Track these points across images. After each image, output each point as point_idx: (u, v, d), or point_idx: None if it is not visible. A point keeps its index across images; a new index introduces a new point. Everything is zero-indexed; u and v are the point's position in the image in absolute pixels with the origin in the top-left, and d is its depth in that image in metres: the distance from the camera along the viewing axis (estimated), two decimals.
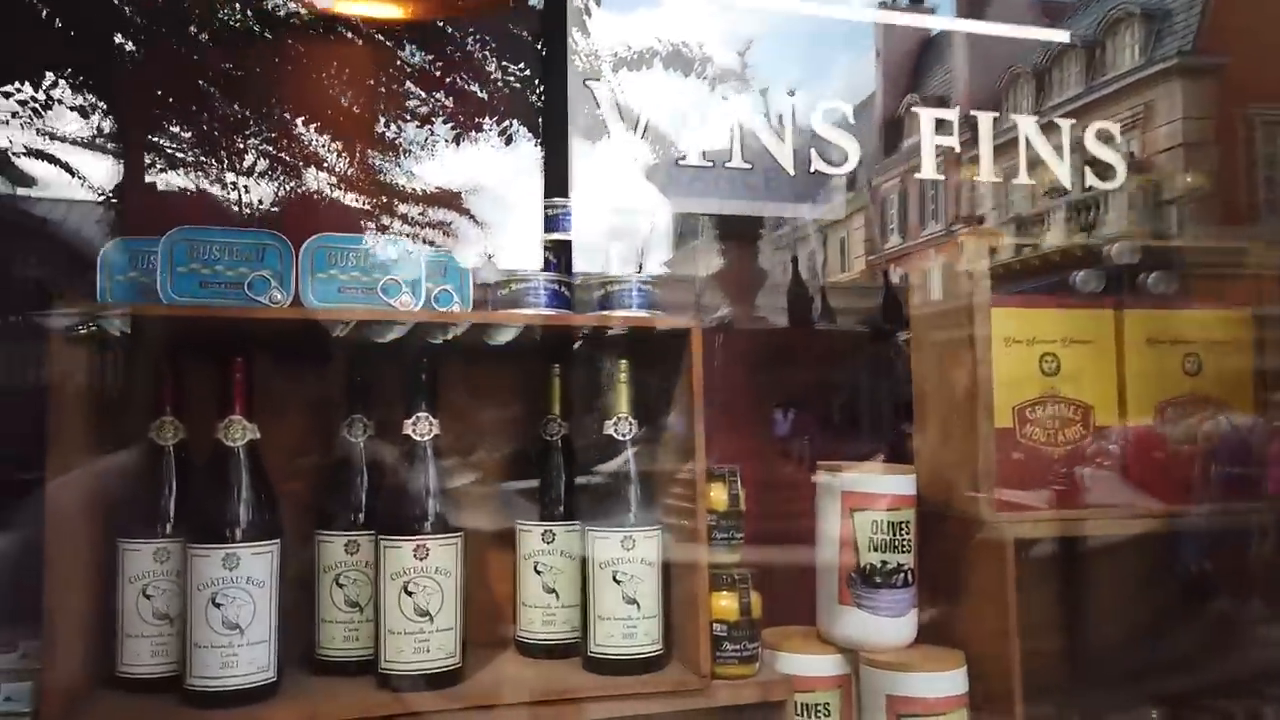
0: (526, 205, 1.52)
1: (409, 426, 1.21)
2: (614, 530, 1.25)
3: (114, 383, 1.23)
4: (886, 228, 5.88)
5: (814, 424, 2.20)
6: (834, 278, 5.30)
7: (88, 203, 2.38)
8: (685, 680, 1.23)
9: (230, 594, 1.11)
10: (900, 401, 2.08)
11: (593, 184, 1.54)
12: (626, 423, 1.28)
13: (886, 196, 5.76)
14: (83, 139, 2.43)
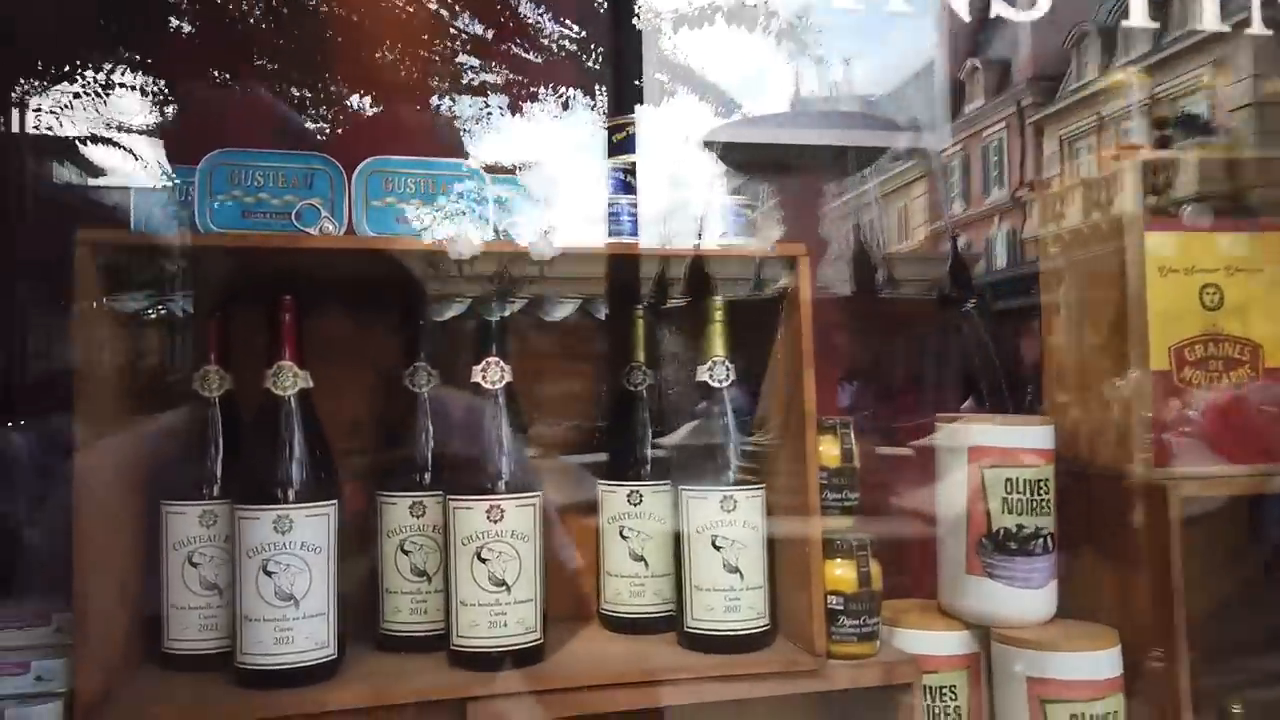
0: (585, 177, 1.36)
1: (478, 373, 1.07)
2: (711, 490, 1.09)
3: (151, 329, 1.11)
4: (949, 195, 5.58)
5: (879, 395, 2.06)
6: (895, 247, 5.06)
7: (152, 189, 2.32)
8: (796, 660, 1.07)
9: (283, 561, 0.98)
10: (970, 370, 1.90)
11: (653, 147, 1.39)
12: (723, 367, 1.12)
13: (948, 163, 5.46)
14: (143, 123, 2.36)
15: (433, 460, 1.13)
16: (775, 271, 1.15)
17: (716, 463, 1.10)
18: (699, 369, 1.13)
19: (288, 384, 1.02)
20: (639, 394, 1.22)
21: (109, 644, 0.96)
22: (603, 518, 1.20)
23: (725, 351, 1.12)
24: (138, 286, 1.05)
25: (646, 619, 1.17)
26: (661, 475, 1.18)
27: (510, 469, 1.05)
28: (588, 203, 1.24)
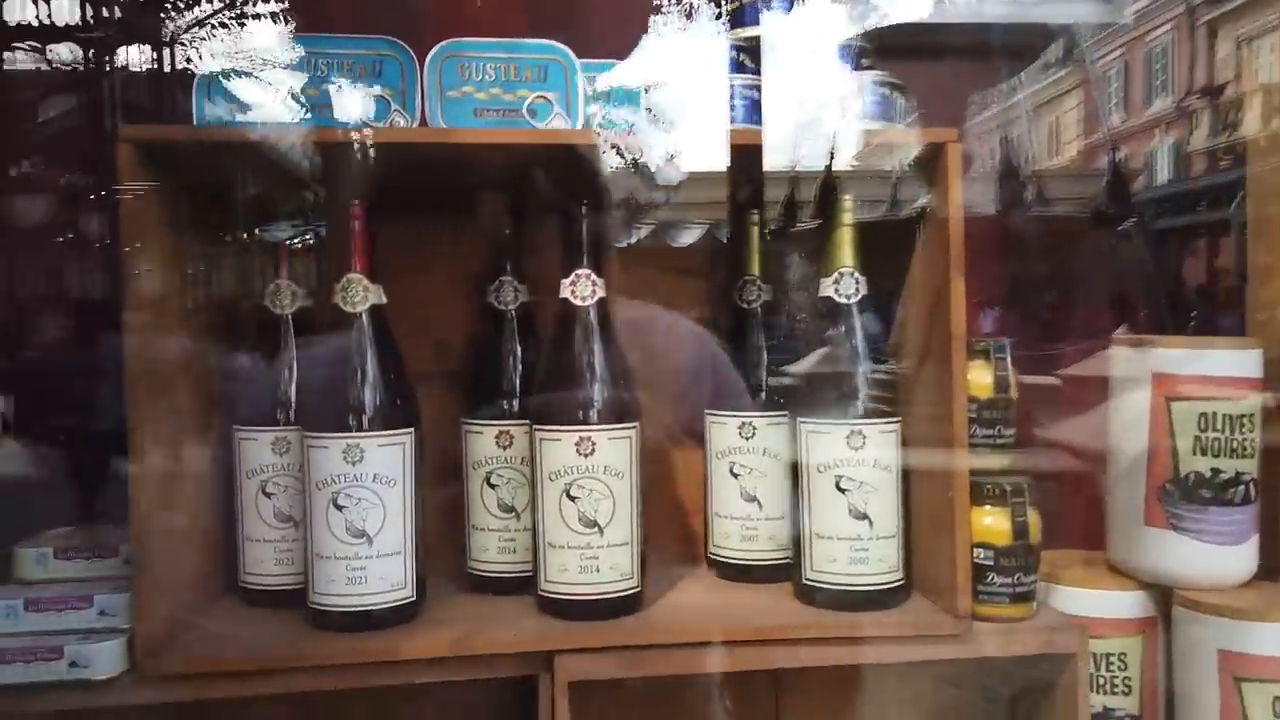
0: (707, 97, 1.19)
1: (567, 288, 0.94)
2: (836, 423, 0.93)
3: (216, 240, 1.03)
4: (1107, 105, 5.09)
5: (1025, 321, 1.84)
6: (1046, 163, 4.67)
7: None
8: (935, 621, 0.92)
9: (354, 494, 0.89)
10: (1127, 294, 1.67)
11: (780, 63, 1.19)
12: (852, 280, 0.95)
13: (1106, 72, 5.00)
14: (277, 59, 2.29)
15: (520, 386, 1.01)
16: (914, 191, 0.97)
17: (842, 391, 0.94)
18: (823, 283, 0.96)
19: (357, 299, 0.92)
20: (752, 312, 1.06)
21: (175, 578, 0.89)
22: (710, 452, 1.06)
23: (854, 262, 0.95)
24: (197, 193, 0.96)
25: (759, 566, 1.04)
26: (778, 405, 1.02)
27: (603, 396, 0.92)
28: (713, 124, 1.08)
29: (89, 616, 0.86)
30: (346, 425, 0.89)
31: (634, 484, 0.92)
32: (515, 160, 0.97)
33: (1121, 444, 1.07)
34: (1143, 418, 1.04)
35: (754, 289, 1.06)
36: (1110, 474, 1.09)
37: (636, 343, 1.03)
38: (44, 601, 0.86)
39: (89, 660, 0.82)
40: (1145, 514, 1.04)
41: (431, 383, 1.04)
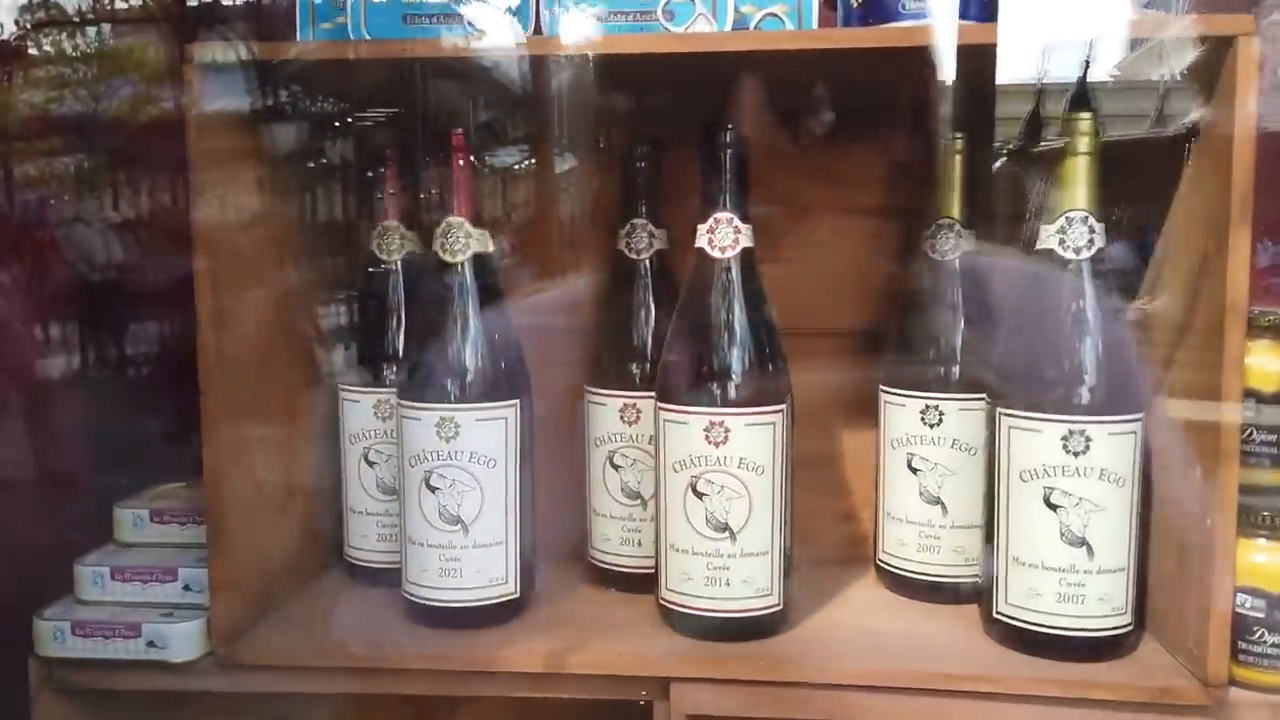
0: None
1: (704, 235, 0.76)
2: (1050, 419, 0.71)
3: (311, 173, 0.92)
4: None
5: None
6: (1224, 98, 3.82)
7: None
8: (1174, 687, 0.69)
9: (448, 474, 0.77)
10: None
11: None
12: (1084, 229, 0.71)
13: None
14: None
15: (652, 350, 0.85)
16: (1184, 104, 0.71)
17: (1062, 375, 0.71)
18: (1043, 231, 0.73)
19: (458, 246, 0.78)
20: (948, 266, 0.84)
21: (264, 551, 0.81)
22: (884, 438, 0.86)
23: (1090, 205, 0.71)
24: (286, 120, 0.85)
25: (939, 583, 0.84)
26: (974, 385, 0.81)
27: (739, 372, 0.74)
28: None
29: (173, 591, 0.79)
30: (440, 395, 0.77)
31: (778, 480, 0.75)
32: (652, 74, 0.79)
33: None
34: None
35: (949, 236, 0.84)
36: None
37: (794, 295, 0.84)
38: (129, 571, 0.80)
39: (166, 641, 0.75)
40: None
41: (550, 343, 0.90)
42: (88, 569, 0.80)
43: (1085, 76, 0.76)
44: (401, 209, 0.89)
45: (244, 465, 0.78)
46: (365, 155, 0.92)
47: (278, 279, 0.84)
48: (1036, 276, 0.74)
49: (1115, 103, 0.88)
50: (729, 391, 0.74)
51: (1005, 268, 0.82)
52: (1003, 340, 0.76)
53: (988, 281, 0.82)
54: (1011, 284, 0.77)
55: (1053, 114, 0.94)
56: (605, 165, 0.88)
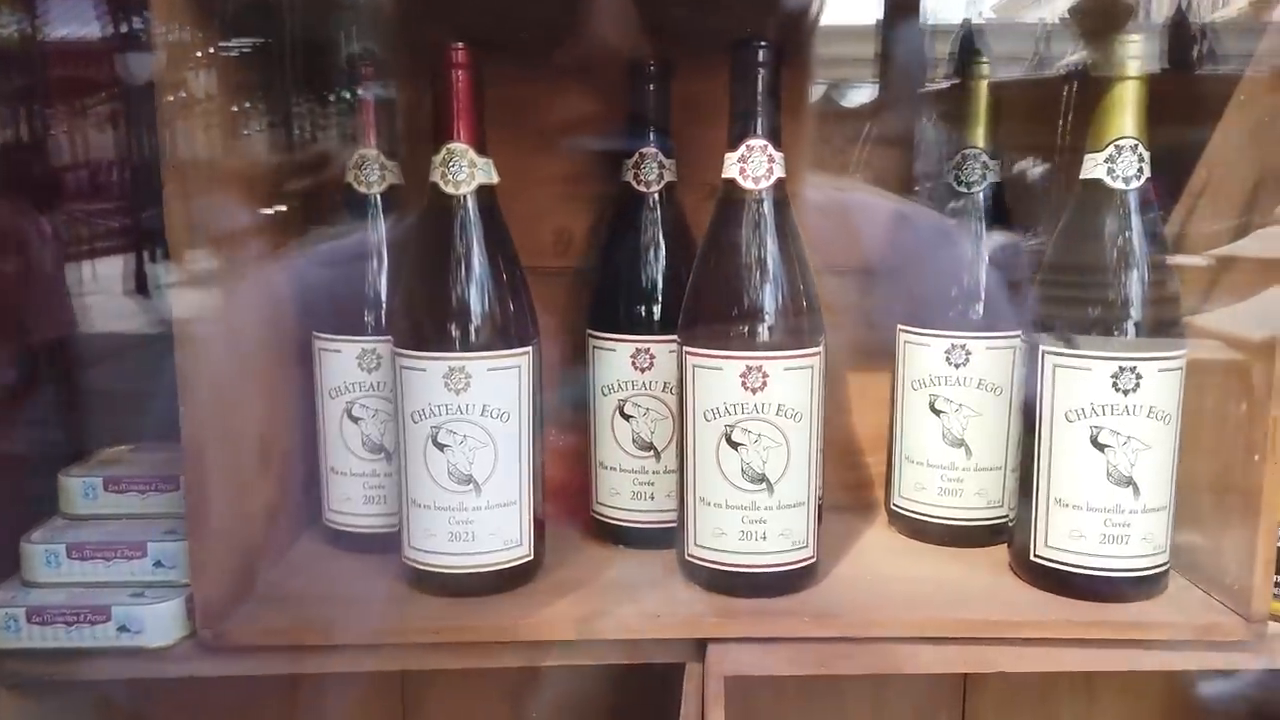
0: None
1: (734, 165, 0.70)
2: (1100, 356, 0.68)
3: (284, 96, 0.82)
4: None
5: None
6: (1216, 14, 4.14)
7: None
8: (1217, 624, 0.68)
9: (458, 430, 0.69)
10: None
11: None
12: (1133, 157, 0.68)
13: None
14: None
15: (665, 291, 0.79)
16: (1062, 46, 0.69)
17: (1107, 311, 0.69)
18: (1088, 160, 0.69)
19: (460, 176, 0.70)
20: (973, 198, 0.80)
21: (243, 519, 0.72)
22: (903, 380, 0.83)
23: (1139, 131, 0.68)
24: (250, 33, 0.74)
25: (962, 527, 0.82)
26: (1001, 323, 0.78)
27: (780, 313, 0.69)
28: None
29: (142, 568, 0.70)
30: (448, 343, 0.69)
31: (814, 427, 0.70)
32: None
33: None
34: None
35: (975, 166, 0.80)
36: None
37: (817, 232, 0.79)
38: (89, 548, 0.70)
39: (141, 624, 0.66)
40: None
41: (552, 283, 0.84)
42: (38, 547, 0.70)
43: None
44: (381, 136, 0.79)
45: (224, 427, 0.69)
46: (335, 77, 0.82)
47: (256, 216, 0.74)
48: (1078, 208, 0.71)
49: (999, 42, 0.86)
50: (767, 334, 0.69)
51: (1031, 199, 0.79)
52: (1043, 277, 0.73)
53: (1017, 212, 0.79)
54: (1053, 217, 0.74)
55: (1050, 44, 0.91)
56: (613, 87, 0.80)
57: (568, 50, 0.84)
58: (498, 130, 0.72)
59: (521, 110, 0.84)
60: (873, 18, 0.88)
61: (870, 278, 0.88)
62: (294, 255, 0.80)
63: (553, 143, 0.87)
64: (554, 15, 0.82)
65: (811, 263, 0.72)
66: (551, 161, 0.87)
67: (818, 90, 0.87)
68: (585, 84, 0.86)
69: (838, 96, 0.89)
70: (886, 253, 0.86)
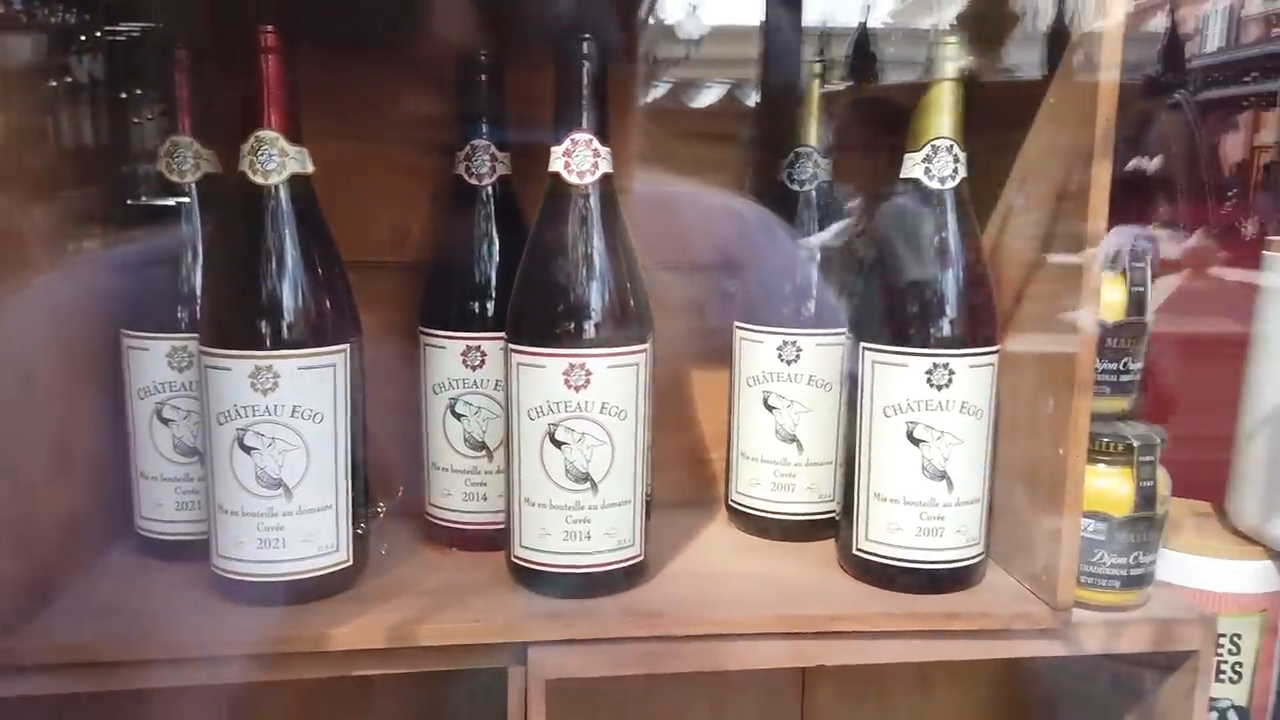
0: None
1: (559, 158, 0.69)
2: (915, 353, 0.69)
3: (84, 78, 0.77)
4: None
5: None
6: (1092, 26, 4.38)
7: None
8: (1027, 613, 0.71)
9: (266, 432, 0.66)
10: (1169, 172, 1.43)
11: None
12: (949, 157, 0.69)
13: None
14: None
15: (497, 287, 0.77)
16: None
17: (927, 309, 0.70)
18: (907, 160, 0.71)
19: (270, 166, 0.67)
20: (805, 196, 0.81)
21: (39, 528, 0.68)
22: (739, 377, 0.83)
23: (955, 133, 0.69)
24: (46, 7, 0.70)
25: (794, 522, 0.83)
26: (830, 320, 0.79)
27: (603, 309, 0.68)
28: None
29: None
30: (255, 340, 0.66)
31: (640, 425, 0.70)
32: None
33: (1266, 377, 0.84)
34: None
35: (808, 165, 0.81)
36: (1246, 415, 0.86)
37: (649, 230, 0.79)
38: None
39: None
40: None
41: (385, 279, 0.81)
42: None
43: None
44: (195, 122, 0.75)
45: (13, 427, 0.64)
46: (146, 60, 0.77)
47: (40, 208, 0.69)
48: (896, 207, 0.72)
49: (897, 49, 0.88)
50: (590, 331, 0.68)
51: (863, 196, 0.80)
52: (865, 275, 0.74)
53: (845, 212, 0.80)
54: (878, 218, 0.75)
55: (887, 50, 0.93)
56: (445, 79, 0.78)
57: (403, 40, 0.81)
58: (332, 122, 0.70)
59: (356, 102, 0.82)
60: (709, 16, 0.88)
61: (716, 274, 0.88)
62: (100, 248, 0.76)
63: (389, 135, 0.84)
64: (388, 4, 0.80)
65: (653, 260, 0.72)
66: (388, 154, 0.84)
67: (651, 87, 0.87)
68: (421, 75, 0.83)
69: (673, 93, 0.89)
70: (722, 250, 0.86)
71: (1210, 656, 0.74)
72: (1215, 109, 5.30)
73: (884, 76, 0.91)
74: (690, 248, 0.86)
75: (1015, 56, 0.79)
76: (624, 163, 0.75)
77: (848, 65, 0.90)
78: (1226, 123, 5.49)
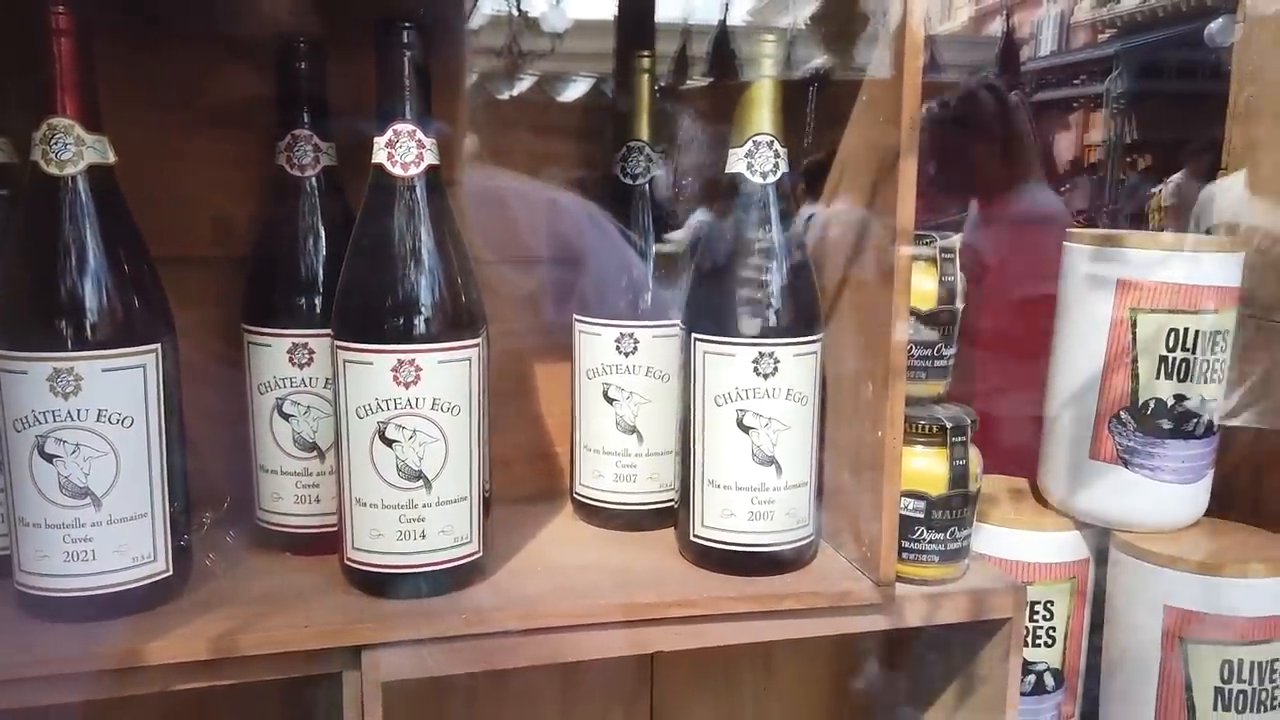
0: None
1: (382, 150, 0.67)
2: (742, 342, 0.71)
3: None
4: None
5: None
6: (941, 27, 4.62)
7: None
8: (852, 590, 0.74)
9: (68, 438, 0.62)
10: (1005, 168, 1.53)
11: None
12: (770, 153, 0.71)
13: None
14: None
15: (324, 282, 0.75)
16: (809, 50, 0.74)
17: (752, 300, 0.72)
18: (731, 155, 0.72)
19: (65, 155, 0.63)
20: (638, 190, 0.82)
21: None
22: (579, 370, 0.84)
23: (775, 129, 0.71)
24: None
25: (637, 511, 0.84)
26: (668, 312, 0.80)
27: (431, 303, 0.67)
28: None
29: None
30: (53, 341, 0.62)
31: (474, 420, 0.69)
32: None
33: (1068, 362, 0.90)
34: (1100, 332, 0.86)
35: (640, 159, 0.82)
36: (1052, 396, 0.92)
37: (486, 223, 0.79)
38: None
39: None
40: (1092, 445, 0.88)
41: (205, 274, 0.77)
42: None
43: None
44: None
45: None
46: None
47: None
48: (720, 201, 0.73)
49: (751, 46, 0.90)
50: (418, 326, 0.67)
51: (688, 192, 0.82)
52: (695, 267, 0.75)
53: (676, 206, 0.82)
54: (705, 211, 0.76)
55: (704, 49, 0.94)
56: (266, 65, 0.75)
57: (221, 22, 0.78)
58: (147, 110, 0.66)
59: (172, 89, 0.78)
60: (547, 4, 0.88)
61: (558, 267, 0.88)
62: None
63: (211, 124, 0.80)
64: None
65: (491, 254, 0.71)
66: (207, 144, 0.80)
67: (483, 78, 0.86)
68: (240, 60, 0.79)
69: (505, 84, 0.88)
70: (559, 244, 0.86)
71: (1021, 623, 0.78)
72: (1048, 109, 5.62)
73: (742, 74, 0.92)
74: (526, 241, 0.86)
75: (863, 57, 0.82)
76: (455, 155, 0.74)
77: (707, 62, 0.91)
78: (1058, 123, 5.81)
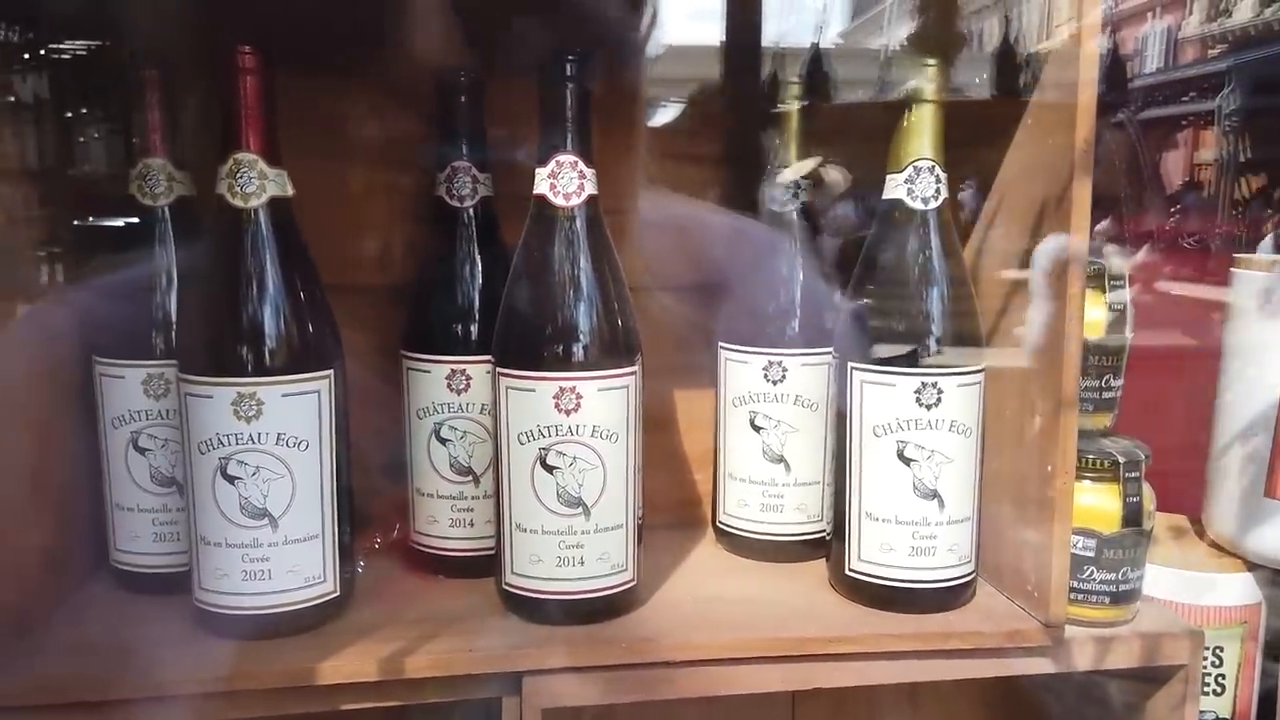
0: None
1: (544, 181, 0.68)
2: (904, 373, 0.70)
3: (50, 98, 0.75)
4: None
5: None
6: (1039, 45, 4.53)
7: None
8: (1020, 631, 0.71)
9: (250, 460, 0.65)
10: (1113, 188, 1.46)
11: None
12: (931, 178, 0.70)
13: None
14: None
15: (481, 309, 0.76)
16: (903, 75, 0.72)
17: (914, 329, 0.70)
18: (890, 180, 0.71)
19: (250, 189, 0.66)
20: (786, 217, 0.81)
21: (13, 563, 0.65)
22: (725, 398, 0.83)
23: (936, 154, 0.70)
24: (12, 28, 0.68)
25: (784, 542, 0.82)
26: (818, 340, 0.79)
27: (593, 332, 0.68)
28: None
29: None
30: (237, 367, 0.65)
31: (631, 447, 0.69)
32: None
33: (1240, 394, 0.85)
34: (1276, 365, 0.82)
35: (791, 189, 0.81)
36: (1220, 430, 0.87)
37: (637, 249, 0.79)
38: None
39: None
40: (1268, 484, 0.83)
41: (367, 302, 0.80)
42: None
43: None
44: (167, 144, 0.74)
45: None
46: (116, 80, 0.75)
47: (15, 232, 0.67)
48: (884, 231, 0.72)
49: (847, 68, 0.89)
50: (579, 354, 0.67)
51: (845, 219, 0.80)
52: (851, 294, 0.74)
53: (829, 232, 0.81)
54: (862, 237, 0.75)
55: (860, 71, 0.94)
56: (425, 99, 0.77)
57: (383, 59, 0.81)
58: (313, 143, 0.69)
59: (336, 123, 0.81)
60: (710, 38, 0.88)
61: (698, 294, 0.88)
62: (72, 273, 0.74)
63: (370, 157, 0.83)
64: (368, 22, 0.79)
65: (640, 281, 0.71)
66: (369, 176, 0.83)
67: (643, 108, 0.86)
68: (401, 95, 0.82)
69: (663, 114, 0.89)
70: (708, 270, 0.86)
71: (1198, 670, 0.74)
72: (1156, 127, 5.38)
73: (838, 96, 0.91)
74: (683, 267, 0.86)
75: (964, 76, 0.80)
76: (614, 182, 0.74)
77: (807, 84, 0.90)
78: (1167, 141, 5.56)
